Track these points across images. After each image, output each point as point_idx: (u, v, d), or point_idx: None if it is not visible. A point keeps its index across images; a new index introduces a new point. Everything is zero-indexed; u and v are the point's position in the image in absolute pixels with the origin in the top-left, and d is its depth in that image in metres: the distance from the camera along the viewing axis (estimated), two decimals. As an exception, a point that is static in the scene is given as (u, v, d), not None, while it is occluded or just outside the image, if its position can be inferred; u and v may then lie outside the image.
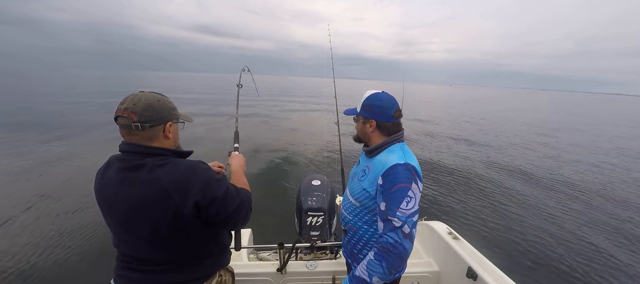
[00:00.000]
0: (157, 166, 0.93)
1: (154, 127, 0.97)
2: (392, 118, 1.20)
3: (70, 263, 3.38)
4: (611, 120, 24.65)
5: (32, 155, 7.06)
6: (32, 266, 3.26)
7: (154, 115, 0.96)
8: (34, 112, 13.90)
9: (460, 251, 1.81)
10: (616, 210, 5.53)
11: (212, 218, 0.99)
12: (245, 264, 1.93)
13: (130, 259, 1.01)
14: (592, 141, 13.19)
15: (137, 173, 0.92)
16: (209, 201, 0.95)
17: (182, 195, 0.91)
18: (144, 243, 0.97)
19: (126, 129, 0.95)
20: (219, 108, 18.18)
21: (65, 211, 4.44)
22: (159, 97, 1.01)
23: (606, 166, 8.67)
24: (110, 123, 1.32)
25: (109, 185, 0.95)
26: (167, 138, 1.02)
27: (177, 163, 0.96)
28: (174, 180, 0.91)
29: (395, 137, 1.21)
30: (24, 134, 9.09)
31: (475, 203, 5.51)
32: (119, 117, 0.94)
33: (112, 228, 1.01)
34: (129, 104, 0.93)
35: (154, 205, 0.91)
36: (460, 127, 15.12)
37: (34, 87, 33.07)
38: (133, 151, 0.95)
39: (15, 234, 3.79)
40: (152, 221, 0.93)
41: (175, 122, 1.06)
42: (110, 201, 0.96)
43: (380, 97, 1.22)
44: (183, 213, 0.92)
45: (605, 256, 3.98)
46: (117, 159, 0.97)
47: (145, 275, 1.00)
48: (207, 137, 10.07)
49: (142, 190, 0.91)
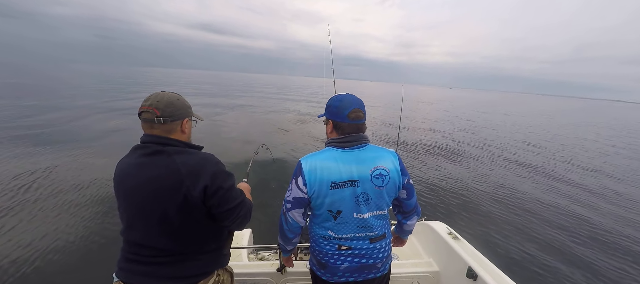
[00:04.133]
0: (175, 153, 1.03)
1: (173, 122, 1.08)
2: (347, 119, 1.18)
3: (72, 258, 3.39)
4: (607, 125, 24.88)
5: (33, 155, 7.04)
6: (33, 262, 3.27)
7: (175, 111, 1.08)
8: (36, 110, 13.80)
9: (460, 251, 1.81)
10: (618, 210, 5.58)
11: (214, 208, 1.06)
12: (245, 264, 1.94)
13: (135, 248, 1.05)
14: (585, 144, 13.25)
15: (156, 157, 1.02)
16: (215, 189, 1.03)
17: (194, 180, 1.00)
18: (152, 228, 1.03)
19: (149, 123, 1.06)
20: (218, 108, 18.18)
21: (67, 208, 4.45)
22: (178, 96, 1.13)
23: (606, 167, 8.74)
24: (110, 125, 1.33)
25: (129, 168, 1.04)
26: (183, 132, 1.13)
27: (193, 152, 1.08)
28: (188, 166, 1.01)
29: (339, 140, 1.20)
30: (25, 134, 9.04)
31: (476, 203, 5.53)
32: (144, 112, 1.05)
33: (125, 211, 1.06)
34: (153, 101, 1.05)
35: (168, 187, 0.99)
36: (461, 128, 15.13)
37: (35, 81, 32.90)
38: (154, 141, 1.06)
39: (17, 232, 3.80)
40: (163, 203, 1.00)
41: (190, 119, 1.17)
42: (129, 182, 1.03)
43: (340, 98, 1.23)
44: (193, 196, 1.00)
45: (606, 256, 4.01)
46: (139, 147, 1.07)
47: (147, 267, 1.04)
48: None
49: (159, 172, 1.00)
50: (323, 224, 1.23)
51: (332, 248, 1.22)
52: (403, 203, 1.32)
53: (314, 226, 1.28)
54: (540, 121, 23.57)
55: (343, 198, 1.16)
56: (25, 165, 5.96)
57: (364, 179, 1.16)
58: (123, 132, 9.63)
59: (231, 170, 1.13)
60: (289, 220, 1.23)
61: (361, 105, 1.23)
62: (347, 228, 1.20)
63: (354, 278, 1.24)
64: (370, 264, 1.23)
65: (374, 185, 1.17)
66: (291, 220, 1.23)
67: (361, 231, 1.21)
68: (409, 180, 1.28)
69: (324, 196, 1.15)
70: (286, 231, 1.28)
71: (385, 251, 1.27)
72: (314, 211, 1.24)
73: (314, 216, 1.27)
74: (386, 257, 1.28)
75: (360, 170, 1.16)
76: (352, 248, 1.21)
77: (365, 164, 1.17)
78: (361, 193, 1.16)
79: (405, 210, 1.35)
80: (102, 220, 4.15)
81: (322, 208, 1.19)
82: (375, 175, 1.17)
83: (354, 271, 1.23)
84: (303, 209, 1.22)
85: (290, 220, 1.23)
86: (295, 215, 1.21)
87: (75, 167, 6.12)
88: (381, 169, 1.17)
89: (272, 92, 35.91)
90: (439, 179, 6.79)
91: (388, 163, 1.20)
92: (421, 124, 16.00)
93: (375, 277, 1.27)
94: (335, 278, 1.24)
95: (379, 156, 1.20)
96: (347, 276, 1.23)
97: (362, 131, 1.23)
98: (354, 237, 1.21)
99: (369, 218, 1.20)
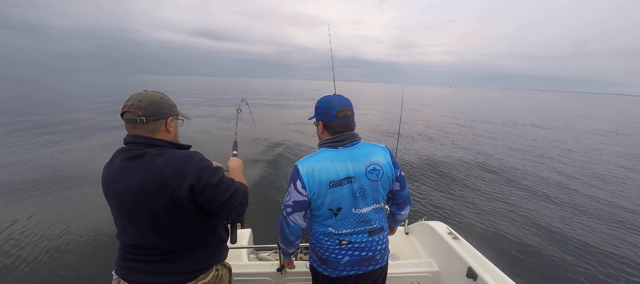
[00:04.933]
0: (156, 155, 1.00)
1: (156, 121, 1.06)
2: (336, 118, 1.22)
3: (72, 256, 3.44)
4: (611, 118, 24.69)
5: (33, 155, 7.11)
6: (36, 258, 3.32)
7: (157, 110, 1.05)
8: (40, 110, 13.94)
9: (460, 251, 1.80)
10: (619, 211, 5.50)
11: (207, 205, 1.04)
12: (245, 264, 1.94)
13: (131, 248, 1.05)
14: (577, 144, 13.13)
15: (138, 161, 1.00)
16: (203, 187, 1.00)
17: (178, 181, 0.98)
18: (144, 230, 1.02)
19: (131, 123, 1.04)
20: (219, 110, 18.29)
21: (68, 208, 4.47)
22: (160, 95, 1.10)
23: (608, 168, 8.64)
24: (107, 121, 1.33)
25: (114, 174, 1.03)
26: (168, 132, 1.10)
27: (175, 152, 1.04)
28: (171, 167, 0.99)
29: (331, 140, 1.23)
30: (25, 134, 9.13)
31: (476, 203, 5.50)
32: (126, 112, 1.03)
33: (117, 217, 1.06)
34: (134, 101, 1.03)
35: (152, 191, 0.97)
36: (461, 129, 15.10)
37: (38, 91, 33.28)
38: (136, 142, 1.04)
39: (20, 230, 3.82)
40: (151, 206, 0.98)
41: (176, 117, 1.15)
42: (115, 189, 1.02)
43: (328, 98, 1.26)
44: (179, 197, 0.98)
45: (606, 257, 3.96)
46: (121, 150, 1.05)
47: (145, 265, 1.04)
48: (206, 142, 10.11)
49: (142, 176, 0.98)
50: (324, 222, 1.25)
51: (333, 243, 1.25)
52: (396, 195, 1.36)
53: (314, 224, 1.30)
54: (535, 116, 23.41)
55: (342, 195, 1.19)
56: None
57: (359, 175, 1.19)
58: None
59: (218, 151, 1.10)
60: (291, 223, 1.25)
61: (348, 103, 1.26)
62: (347, 223, 1.23)
63: (355, 271, 1.27)
64: (369, 257, 1.27)
65: (369, 179, 1.21)
66: (292, 223, 1.24)
67: (360, 225, 1.24)
68: (401, 172, 1.32)
69: (324, 196, 1.18)
70: (288, 235, 1.30)
71: (384, 243, 1.31)
72: (314, 211, 1.26)
73: (314, 215, 1.28)
74: (384, 249, 1.32)
75: (355, 166, 1.19)
76: (352, 242, 1.24)
77: (360, 161, 1.21)
78: (358, 188, 1.20)
79: (399, 201, 1.39)
80: (104, 215, 4.16)
81: (323, 208, 1.21)
82: (369, 171, 1.20)
83: (354, 264, 1.26)
84: (304, 211, 1.23)
85: (291, 224, 1.25)
86: (296, 218, 1.23)
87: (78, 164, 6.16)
88: (375, 164, 1.21)
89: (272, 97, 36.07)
90: (439, 179, 6.76)
91: (380, 158, 1.24)
92: (421, 124, 15.97)
93: (375, 269, 1.30)
94: (336, 272, 1.27)
95: (372, 152, 1.24)
96: (348, 270, 1.26)
97: (352, 128, 1.27)
98: (354, 232, 1.24)
99: (367, 213, 1.24)
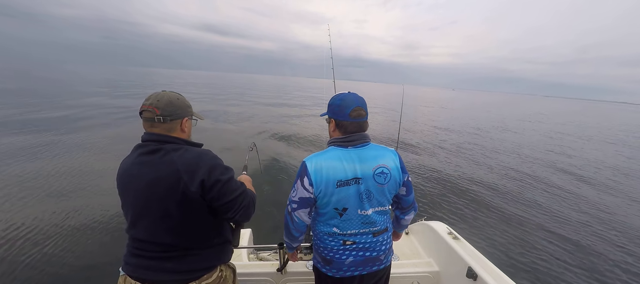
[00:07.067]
0: (172, 151, 1.06)
1: (173, 121, 1.11)
2: (349, 118, 1.20)
3: (80, 253, 3.45)
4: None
5: (34, 155, 7.13)
6: (44, 254, 3.34)
7: (174, 110, 1.11)
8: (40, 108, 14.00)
9: (460, 251, 1.81)
10: (619, 211, 5.50)
11: (215, 201, 1.07)
12: (245, 264, 1.94)
13: (140, 244, 1.08)
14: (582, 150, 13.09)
15: (154, 155, 1.05)
16: (213, 182, 1.05)
17: (191, 175, 1.02)
18: (155, 224, 1.06)
19: (149, 122, 1.09)
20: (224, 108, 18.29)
21: (75, 206, 4.50)
22: (178, 96, 1.16)
23: (609, 168, 8.63)
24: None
25: (130, 168, 1.07)
26: (183, 131, 1.16)
27: (190, 149, 1.10)
28: (185, 162, 1.03)
29: (341, 139, 1.23)
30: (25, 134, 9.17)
31: (476, 203, 5.50)
32: (144, 111, 1.08)
33: (129, 210, 1.09)
34: (153, 100, 1.08)
35: (166, 184, 1.02)
36: (461, 130, 15.05)
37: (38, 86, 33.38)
38: (153, 139, 1.09)
39: (24, 228, 3.85)
40: (164, 200, 1.03)
41: (190, 118, 1.20)
42: (130, 181, 1.06)
43: (342, 97, 1.24)
44: (191, 192, 1.02)
45: (607, 257, 3.97)
46: (139, 146, 1.10)
47: (152, 262, 1.07)
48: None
49: (157, 170, 1.03)
50: (328, 221, 1.26)
51: (337, 243, 1.25)
52: (402, 199, 1.36)
53: (318, 224, 1.30)
54: (535, 121, 23.31)
55: (348, 195, 1.19)
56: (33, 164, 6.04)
57: (366, 177, 1.19)
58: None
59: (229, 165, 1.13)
60: (295, 219, 1.25)
61: (363, 103, 1.25)
62: (352, 224, 1.23)
63: (359, 272, 1.27)
64: (374, 257, 1.27)
65: (376, 182, 1.20)
66: (297, 219, 1.25)
67: (365, 226, 1.24)
68: (408, 177, 1.31)
69: (330, 195, 1.18)
70: (292, 230, 1.31)
71: (387, 244, 1.32)
72: (320, 210, 1.26)
73: (318, 215, 1.28)
74: (388, 249, 1.33)
75: (363, 168, 1.19)
76: (356, 242, 1.25)
77: (368, 163, 1.20)
78: (364, 190, 1.20)
79: (404, 205, 1.39)
80: (108, 214, 4.19)
81: (329, 207, 1.21)
82: (377, 173, 1.20)
83: (359, 264, 1.26)
84: (309, 208, 1.24)
85: (296, 219, 1.26)
86: (301, 215, 1.24)
87: (79, 163, 6.19)
88: (383, 167, 1.21)
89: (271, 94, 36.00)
90: (439, 179, 6.76)
91: (389, 162, 1.23)
92: (421, 125, 15.93)
93: (379, 269, 1.31)
94: (340, 272, 1.27)
95: (381, 155, 1.24)
96: (352, 270, 1.26)
97: (364, 129, 1.26)
98: (358, 232, 1.25)
99: (371, 214, 1.24)
